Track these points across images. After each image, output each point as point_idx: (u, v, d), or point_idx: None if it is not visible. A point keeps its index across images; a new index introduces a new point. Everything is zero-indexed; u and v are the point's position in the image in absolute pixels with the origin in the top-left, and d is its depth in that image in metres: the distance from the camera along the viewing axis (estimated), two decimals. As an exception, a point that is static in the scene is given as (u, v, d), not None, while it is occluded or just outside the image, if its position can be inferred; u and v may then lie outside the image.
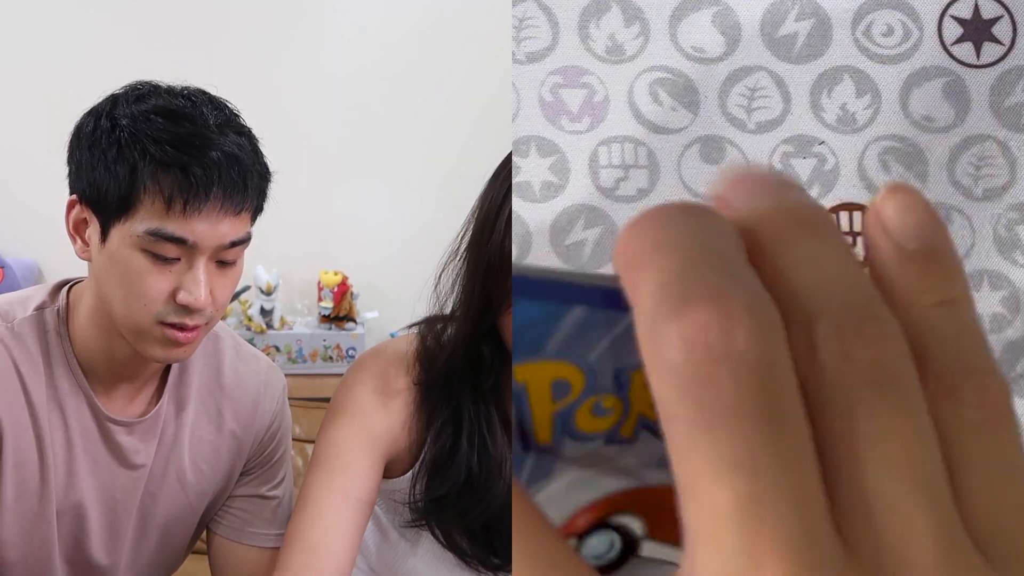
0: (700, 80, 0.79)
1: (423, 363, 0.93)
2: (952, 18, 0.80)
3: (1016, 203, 0.80)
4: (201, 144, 0.82)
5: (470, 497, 0.90)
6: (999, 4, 0.80)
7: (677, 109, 0.79)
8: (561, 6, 0.78)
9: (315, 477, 0.92)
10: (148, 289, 0.83)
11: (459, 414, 0.91)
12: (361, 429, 0.92)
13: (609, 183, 0.78)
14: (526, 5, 0.78)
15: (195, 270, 0.84)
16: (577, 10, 0.78)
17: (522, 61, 0.78)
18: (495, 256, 0.85)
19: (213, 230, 0.83)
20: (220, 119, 0.85)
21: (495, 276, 0.86)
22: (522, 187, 0.78)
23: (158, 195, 0.81)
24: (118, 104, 0.86)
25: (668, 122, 0.79)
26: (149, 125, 0.83)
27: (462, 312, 0.91)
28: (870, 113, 0.79)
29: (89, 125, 0.86)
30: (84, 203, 0.86)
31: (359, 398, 0.94)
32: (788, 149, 0.79)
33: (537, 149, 0.78)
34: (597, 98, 0.78)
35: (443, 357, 0.92)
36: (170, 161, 0.81)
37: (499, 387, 0.91)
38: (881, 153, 0.80)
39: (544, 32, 0.78)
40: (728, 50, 0.79)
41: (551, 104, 0.78)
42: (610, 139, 0.78)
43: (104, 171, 0.83)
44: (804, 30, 0.79)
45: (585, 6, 0.78)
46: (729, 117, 0.79)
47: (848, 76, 0.79)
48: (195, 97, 0.87)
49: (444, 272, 0.92)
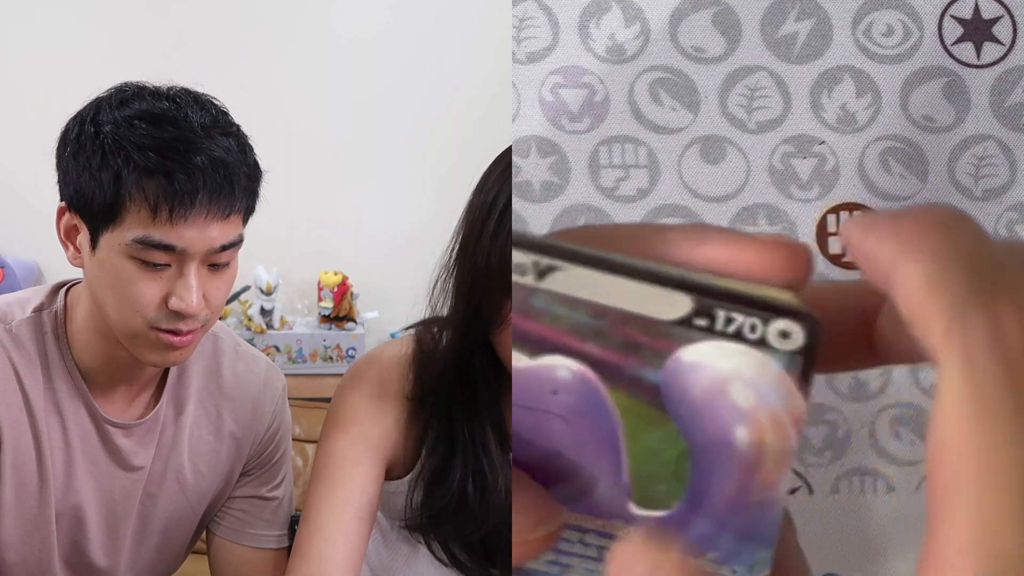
0: (700, 80, 0.78)
1: (416, 374, 0.93)
2: (952, 18, 0.80)
3: (1016, 203, 0.80)
4: (185, 149, 0.81)
5: (465, 514, 0.89)
6: (999, 4, 0.80)
7: (677, 109, 0.79)
8: (561, 6, 0.78)
9: (316, 490, 0.92)
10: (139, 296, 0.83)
11: (452, 431, 0.90)
12: (359, 439, 0.92)
13: (609, 183, 0.78)
14: (526, 5, 0.78)
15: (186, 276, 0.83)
16: (577, 10, 0.78)
17: (522, 61, 0.78)
18: (480, 273, 0.85)
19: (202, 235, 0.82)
20: (206, 120, 0.84)
21: (482, 291, 0.85)
22: (522, 187, 0.78)
23: (144, 203, 0.81)
24: (102, 109, 0.85)
25: (668, 122, 0.79)
26: (132, 131, 0.82)
27: (452, 326, 0.91)
28: (870, 113, 0.79)
29: (74, 131, 0.86)
30: (73, 210, 0.86)
31: (355, 406, 0.94)
32: (788, 149, 0.79)
33: (537, 149, 0.78)
34: (597, 98, 0.78)
35: (435, 371, 0.92)
36: (154, 168, 0.80)
37: (495, 403, 0.90)
38: (881, 153, 0.79)
39: (544, 32, 0.78)
40: (728, 50, 0.79)
41: (551, 104, 0.78)
42: (610, 139, 0.78)
43: (89, 178, 0.82)
44: (804, 30, 0.79)
45: (585, 6, 0.78)
46: (729, 117, 0.79)
47: (848, 76, 0.79)
48: (180, 99, 0.86)
49: (437, 284, 0.92)
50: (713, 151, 0.79)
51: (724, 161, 0.79)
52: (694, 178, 0.79)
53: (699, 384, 0.26)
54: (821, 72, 0.79)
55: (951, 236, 0.22)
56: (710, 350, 0.26)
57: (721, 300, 0.26)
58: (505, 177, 0.86)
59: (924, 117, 0.80)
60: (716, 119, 0.79)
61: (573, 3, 0.78)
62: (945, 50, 0.80)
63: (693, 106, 0.79)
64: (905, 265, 0.22)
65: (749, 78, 0.79)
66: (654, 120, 0.78)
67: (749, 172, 0.79)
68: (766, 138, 0.79)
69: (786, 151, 0.79)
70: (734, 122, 0.79)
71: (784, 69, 0.79)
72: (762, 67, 0.79)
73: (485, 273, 0.85)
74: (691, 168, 0.79)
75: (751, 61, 0.79)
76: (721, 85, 0.79)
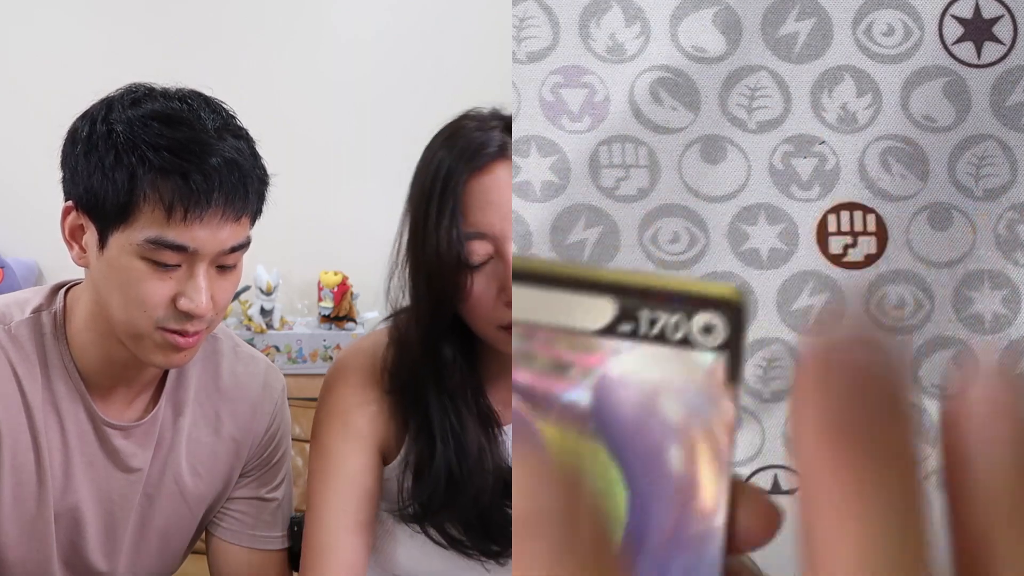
0: (701, 80, 0.78)
1: (390, 371, 0.94)
2: (953, 18, 0.80)
3: (1016, 202, 0.80)
4: (200, 150, 0.81)
5: (456, 493, 0.90)
6: (1000, 4, 0.80)
7: (678, 109, 0.79)
8: (562, 6, 0.78)
9: (314, 486, 0.94)
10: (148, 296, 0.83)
11: (430, 419, 0.91)
12: (349, 432, 0.94)
13: (609, 183, 0.78)
14: (526, 5, 0.78)
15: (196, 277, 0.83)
16: (578, 10, 0.78)
17: (523, 61, 0.78)
18: (433, 263, 0.86)
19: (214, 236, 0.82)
20: (218, 123, 0.85)
21: (438, 278, 0.86)
22: (522, 187, 0.78)
23: (158, 203, 0.81)
24: (113, 108, 0.85)
25: (669, 122, 0.79)
26: (146, 130, 0.82)
27: (413, 316, 0.91)
28: (871, 113, 0.79)
29: (84, 130, 0.85)
30: (80, 210, 0.85)
31: (340, 397, 0.95)
32: (789, 149, 0.79)
33: (537, 149, 0.78)
34: (598, 98, 0.78)
35: (406, 363, 0.93)
36: (169, 168, 0.80)
37: (470, 385, 0.92)
38: (882, 153, 0.79)
39: (545, 32, 0.78)
40: (729, 50, 0.79)
41: (552, 104, 0.78)
42: (610, 139, 0.78)
43: (101, 177, 0.82)
44: (805, 30, 0.79)
45: (586, 6, 0.78)
46: (730, 117, 0.79)
47: (849, 76, 0.79)
48: (191, 100, 0.86)
49: (392, 279, 0.93)
50: (713, 151, 0.79)
51: (724, 161, 0.79)
52: (694, 178, 0.78)
53: (629, 402, 0.25)
54: (821, 72, 0.79)
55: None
56: (636, 360, 0.25)
57: (643, 299, 0.25)
58: (443, 156, 0.86)
59: (924, 117, 0.80)
60: (716, 119, 0.79)
61: (573, 3, 0.78)
62: (945, 50, 0.80)
63: (693, 106, 0.79)
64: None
65: (749, 78, 0.79)
66: (654, 120, 0.78)
67: (749, 172, 0.79)
68: (766, 138, 0.79)
69: (786, 151, 0.79)
70: (734, 122, 0.79)
71: (785, 69, 0.79)
72: (762, 67, 0.79)
73: (437, 260, 0.86)
74: (691, 168, 0.78)
75: (751, 61, 0.79)
76: (721, 85, 0.79)
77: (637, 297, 0.26)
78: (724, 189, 0.78)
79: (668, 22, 0.78)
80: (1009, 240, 0.80)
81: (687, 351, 0.26)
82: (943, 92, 0.79)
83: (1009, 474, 0.21)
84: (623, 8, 0.78)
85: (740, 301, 0.25)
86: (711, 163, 0.79)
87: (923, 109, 0.79)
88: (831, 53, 0.79)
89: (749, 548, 0.27)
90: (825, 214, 0.79)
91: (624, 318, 0.26)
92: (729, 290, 0.26)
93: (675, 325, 0.26)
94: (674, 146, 0.78)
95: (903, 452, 0.21)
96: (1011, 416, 0.22)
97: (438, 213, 0.86)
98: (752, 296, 0.78)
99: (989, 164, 0.80)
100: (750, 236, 0.78)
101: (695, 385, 0.25)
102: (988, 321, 0.80)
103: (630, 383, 0.26)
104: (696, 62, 0.79)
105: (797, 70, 0.79)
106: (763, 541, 0.27)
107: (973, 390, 0.22)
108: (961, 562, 0.22)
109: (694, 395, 0.25)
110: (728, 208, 0.78)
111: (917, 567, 0.20)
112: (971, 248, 0.80)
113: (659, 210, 0.78)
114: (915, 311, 0.79)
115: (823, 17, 0.79)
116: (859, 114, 0.79)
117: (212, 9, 2.47)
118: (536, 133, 0.78)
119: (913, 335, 0.80)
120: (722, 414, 0.25)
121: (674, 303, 0.26)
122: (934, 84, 0.80)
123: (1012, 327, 0.80)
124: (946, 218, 0.80)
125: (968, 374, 0.22)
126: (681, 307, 0.26)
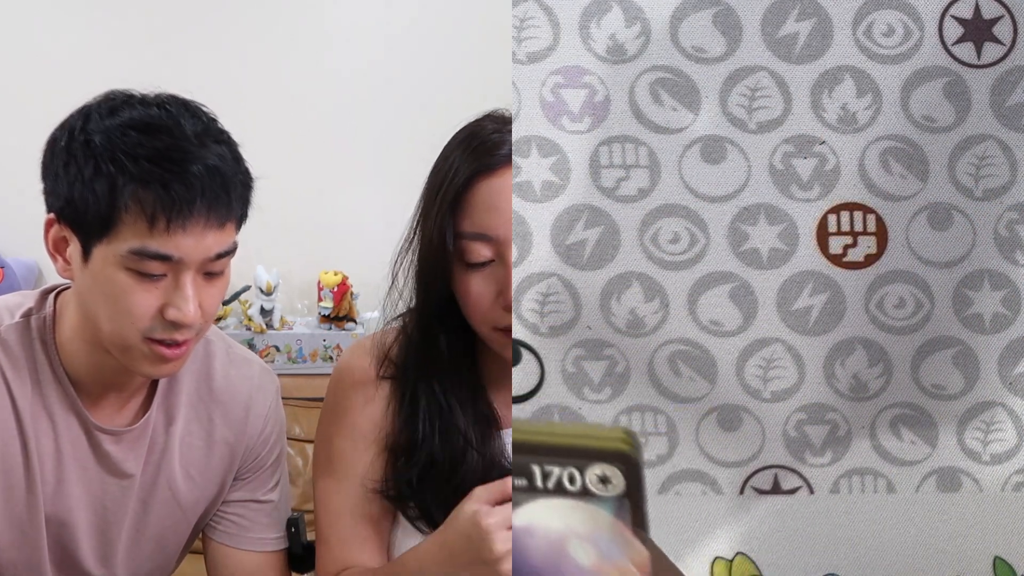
0: (701, 80, 0.79)
1: (389, 355, 0.96)
2: (953, 18, 0.80)
3: (1016, 203, 0.80)
4: (181, 158, 0.80)
5: (438, 480, 0.91)
6: (1000, 4, 0.80)
7: (678, 109, 0.79)
8: (562, 6, 0.78)
9: (321, 484, 0.97)
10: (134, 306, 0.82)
11: (416, 402, 0.93)
12: (350, 429, 0.95)
13: (610, 183, 0.78)
14: (527, 5, 0.78)
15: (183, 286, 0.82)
16: (578, 10, 0.78)
17: (523, 61, 0.78)
18: (425, 252, 0.90)
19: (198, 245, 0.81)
20: (198, 128, 0.83)
21: (427, 266, 0.90)
22: (523, 187, 0.78)
23: (140, 213, 0.79)
24: (91, 118, 0.83)
25: (669, 122, 0.79)
26: (125, 140, 0.80)
27: (415, 307, 0.94)
28: (871, 113, 0.79)
29: (62, 140, 0.83)
30: (63, 222, 0.84)
31: (344, 396, 0.97)
32: (789, 149, 0.79)
33: (538, 149, 0.78)
34: (598, 98, 0.78)
35: (404, 349, 0.95)
36: (149, 178, 0.79)
37: (467, 382, 0.93)
38: (882, 153, 0.80)
39: (545, 32, 0.78)
40: (729, 50, 0.79)
41: (552, 104, 0.78)
42: (611, 139, 0.78)
43: (82, 189, 0.80)
44: (805, 30, 0.79)
45: (586, 6, 0.78)
46: (730, 117, 0.79)
47: (849, 76, 0.79)
48: (170, 106, 0.84)
49: (399, 267, 0.96)
50: (714, 151, 0.79)
51: (725, 161, 0.79)
52: (695, 178, 0.79)
53: (537, 549, 0.24)
54: (822, 72, 0.79)
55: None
56: (539, 510, 0.24)
57: (533, 454, 0.24)
58: (457, 153, 0.88)
59: (925, 117, 0.80)
60: (717, 119, 0.79)
61: (573, 3, 0.78)
62: (946, 50, 0.80)
63: (694, 106, 0.79)
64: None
65: (750, 78, 0.79)
66: (655, 120, 0.78)
67: (750, 172, 0.79)
68: (767, 138, 0.79)
69: (786, 151, 0.79)
70: (735, 122, 0.79)
71: (785, 69, 0.79)
72: (763, 67, 0.79)
73: (429, 248, 0.90)
74: (692, 168, 0.79)
75: (752, 61, 0.79)
76: (722, 85, 0.79)
77: (527, 453, 0.25)
78: (724, 189, 0.79)
79: (668, 22, 0.78)
80: (1009, 240, 0.80)
81: (588, 500, 0.25)
82: (943, 92, 0.80)
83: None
84: (623, 8, 0.78)
85: (632, 452, 0.25)
86: (711, 163, 0.79)
87: (923, 109, 0.80)
88: (831, 53, 0.79)
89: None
90: (825, 214, 0.79)
91: (516, 474, 0.25)
92: (621, 440, 0.25)
93: (570, 477, 0.25)
94: (674, 146, 0.78)
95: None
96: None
97: (439, 203, 0.87)
98: (752, 296, 0.78)
99: (989, 164, 0.80)
100: (750, 236, 0.78)
101: (602, 530, 0.25)
102: (988, 321, 0.80)
103: (536, 532, 0.25)
104: (696, 62, 0.79)
105: (797, 70, 0.79)
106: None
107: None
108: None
109: (603, 539, 0.25)
110: (728, 208, 0.79)
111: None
112: (971, 248, 0.80)
113: (659, 210, 0.78)
114: (915, 311, 0.79)
115: (823, 17, 0.79)
116: (859, 114, 0.79)
117: (212, 10, 2.47)
118: (536, 133, 0.78)
119: (913, 335, 0.80)
120: (635, 556, 0.25)
121: (564, 457, 0.25)
122: (934, 84, 0.80)
123: (1012, 327, 0.80)
124: (946, 218, 0.80)
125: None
126: (571, 461, 0.25)
